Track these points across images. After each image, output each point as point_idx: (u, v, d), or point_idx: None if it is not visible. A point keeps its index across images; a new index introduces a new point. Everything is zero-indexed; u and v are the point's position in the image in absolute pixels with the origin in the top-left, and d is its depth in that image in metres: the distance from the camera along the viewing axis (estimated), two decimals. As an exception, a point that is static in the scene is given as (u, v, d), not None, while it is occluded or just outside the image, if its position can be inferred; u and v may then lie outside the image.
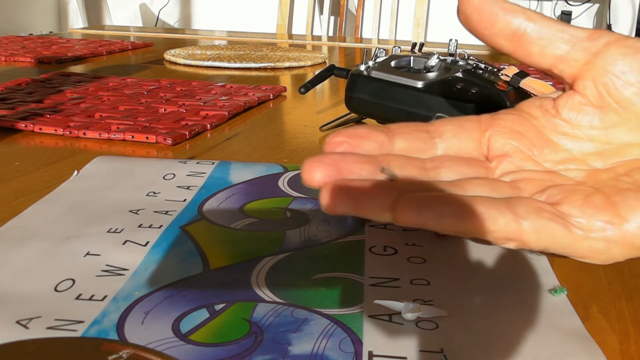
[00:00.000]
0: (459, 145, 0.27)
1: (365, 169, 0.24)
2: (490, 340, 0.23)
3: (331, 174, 0.24)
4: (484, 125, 0.27)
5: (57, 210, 0.34)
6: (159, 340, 0.23)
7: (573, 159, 0.27)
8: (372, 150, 0.25)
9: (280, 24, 1.64)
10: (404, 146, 0.26)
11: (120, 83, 0.70)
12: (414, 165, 0.26)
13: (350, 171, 0.24)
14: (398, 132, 0.26)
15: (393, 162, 0.25)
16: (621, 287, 0.28)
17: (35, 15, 2.70)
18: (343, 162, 0.24)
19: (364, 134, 0.25)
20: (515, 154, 0.27)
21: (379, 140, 0.26)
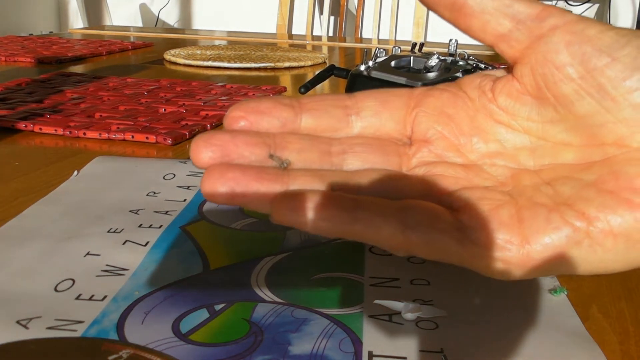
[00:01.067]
0: (379, 124, 0.25)
1: (256, 153, 0.22)
2: (490, 340, 0.23)
3: (217, 156, 0.22)
4: (413, 101, 0.25)
5: (57, 210, 0.34)
6: (159, 340, 0.23)
7: (502, 153, 0.24)
8: (273, 128, 0.23)
9: (280, 24, 1.64)
10: (312, 124, 0.24)
11: (120, 83, 0.70)
12: (316, 149, 0.23)
13: (239, 154, 0.22)
14: (308, 107, 0.24)
15: (292, 144, 0.23)
16: (621, 287, 0.28)
17: (35, 15, 2.70)
18: (232, 143, 0.22)
19: (266, 110, 0.23)
20: (438, 141, 0.24)
21: (282, 117, 0.23)
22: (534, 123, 0.23)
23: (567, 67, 0.21)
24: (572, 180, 0.22)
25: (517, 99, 0.23)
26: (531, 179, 0.23)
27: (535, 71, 0.22)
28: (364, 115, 0.24)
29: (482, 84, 0.24)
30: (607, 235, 0.21)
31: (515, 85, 0.23)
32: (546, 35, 0.22)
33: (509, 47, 0.23)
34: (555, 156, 0.23)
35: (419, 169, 0.24)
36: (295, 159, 0.23)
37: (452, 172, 0.24)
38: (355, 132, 0.24)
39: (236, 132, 0.23)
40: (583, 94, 0.22)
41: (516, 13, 0.22)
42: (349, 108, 0.24)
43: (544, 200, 0.22)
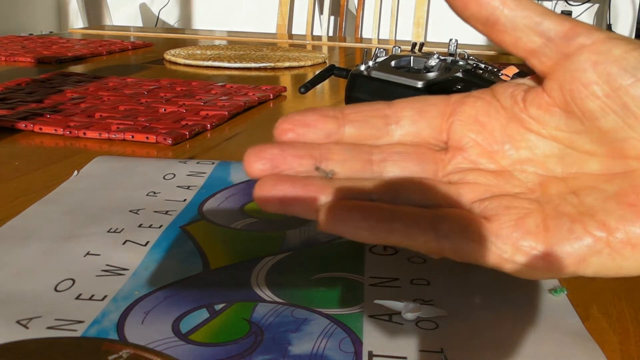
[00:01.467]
0: (416, 132, 0.26)
1: (304, 164, 0.24)
2: (490, 340, 0.23)
3: (268, 168, 0.24)
4: (449, 109, 0.26)
5: (57, 210, 0.34)
6: (159, 340, 0.23)
7: (532, 160, 0.25)
8: (319, 139, 0.25)
9: (280, 24, 1.64)
10: (355, 134, 0.26)
11: (120, 83, 0.70)
12: (358, 158, 0.25)
13: (288, 166, 0.24)
14: (351, 118, 0.26)
15: (336, 155, 0.25)
16: (621, 287, 0.28)
17: (35, 15, 2.70)
18: (281, 156, 0.24)
19: (312, 122, 0.25)
20: (472, 148, 0.26)
21: (326, 129, 0.25)
22: (563, 133, 0.25)
23: (593, 85, 0.23)
24: (595, 191, 0.24)
25: (546, 111, 0.25)
26: (558, 187, 0.25)
27: (563, 87, 0.24)
28: (403, 124, 0.26)
29: (514, 94, 0.26)
30: (626, 245, 0.22)
31: (545, 97, 0.25)
32: (574, 54, 0.23)
33: (539, 62, 0.24)
34: (582, 165, 0.25)
35: (454, 175, 0.26)
36: (339, 169, 0.25)
37: (483, 180, 0.25)
38: (395, 140, 0.26)
39: (285, 146, 0.25)
40: (608, 111, 0.23)
41: (546, 30, 0.23)
42: (388, 117, 0.26)
43: (569, 209, 0.24)
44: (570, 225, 0.23)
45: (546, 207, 0.24)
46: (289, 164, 0.24)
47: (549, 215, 0.24)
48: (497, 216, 0.24)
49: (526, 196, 0.25)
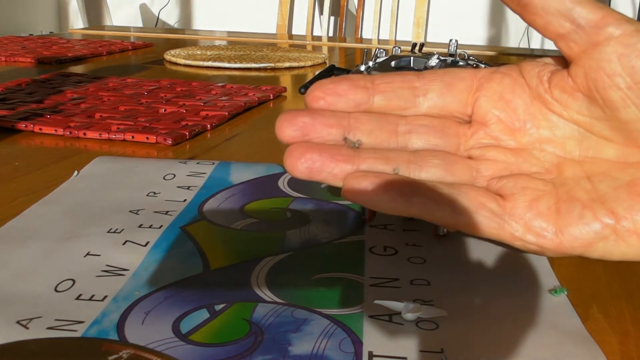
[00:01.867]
0: (443, 105, 0.27)
1: (332, 133, 0.26)
2: (490, 340, 0.23)
3: (298, 135, 0.25)
4: (476, 84, 0.27)
5: (57, 210, 0.34)
6: (159, 340, 0.23)
7: (552, 140, 0.26)
8: (348, 108, 0.26)
9: (280, 24, 1.64)
10: (383, 105, 0.27)
11: (120, 83, 0.70)
12: (385, 129, 0.26)
13: (317, 134, 0.26)
14: (381, 89, 0.27)
15: (363, 125, 0.26)
16: (621, 287, 0.28)
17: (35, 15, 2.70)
18: (311, 125, 0.25)
19: (343, 92, 0.26)
20: (494, 124, 0.27)
21: (356, 99, 0.26)
22: (583, 117, 0.26)
23: (616, 76, 0.23)
24: (608, 178, 0.25)
25: (570, 94, 0.25)
26: (574, 170, 0.26)
27: (588, 75, 0.24)
28: (430, 97, 0.27)
29: (541, 74, 0.26)
30: (632, 234, 0.24)
31: (570, 82, 0.25)
32: (601, 44, 0.24)
33: (567, 47, 0.25)
34: (599, 150, 0.26)
35: (475, 150, 0.27)
36: (366, 139, 0.26)
37: (503, 158, 0.26)
38: (421, 111, 0.27)
39: (315, 114, 0.26)
40: (629, 103, 0.24)
41: (577, 17, 0.24)
42: (417, 89, 0.27)
43: (581, 194, 0.25)
44: (581, 211, 0.24)
45: (560, 190, 0.25)
46: (318, 132, 0.25)
47: (561, 199, 0.25)
48: (513, 196, 0.25)
49: (542, 176, 0.26)
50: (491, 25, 2.52)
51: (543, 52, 1.35)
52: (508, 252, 0.30)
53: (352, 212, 0.35)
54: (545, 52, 1.30)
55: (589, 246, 0.24)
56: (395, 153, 0.26)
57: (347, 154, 0.25)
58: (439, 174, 0.26)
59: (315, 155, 0.25)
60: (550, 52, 1.29)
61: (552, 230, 0.24)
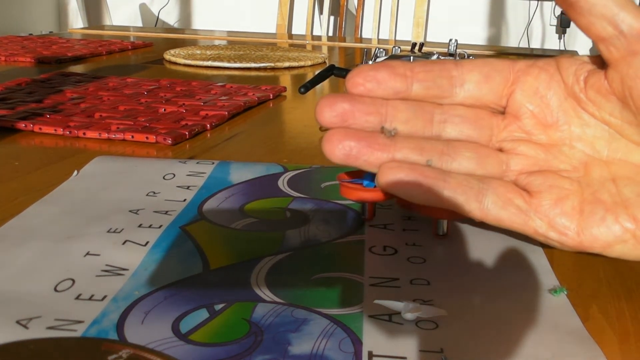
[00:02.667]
0: (479, 96, 0.27)
1: (370, 121, 0.26)
2: (490, 340, 0.23)
3: (338, 121, 0.26)
4: (513, 76, 0.27)
5: (57, 210, 0.34)
6: (159, 340, 0.23)
7: (582, 138, 0.27)
8: (387, 95, 0.27)
9: (280, 24, 1.64)
10: (421, 93, 0.27)
11: (120, 83, 0.70)
12: (421, 118, 0.27)
13: (356, 121, 0.26)
14: (419, 77, 0.27)
15: (400, 113, 0.27)
16: (621, 287, 0.28)
17: (35, 15, 2.70)
18: (350, 112, 0.26)
19: (382, 79, 0.27)
20: (528, 119, 0.27)
21: (395, 88, 0.27)
22: (615, 119, 0.26)
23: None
24: (633, 183, 0.25)
25: (604, 96, 0.26)
26: (600, 171, 0.26)
27: (625, 82, 0.24)
28: (467, 87, 0.27)
29: (577, 73, 0.26)
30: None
31: (605, 85, 0.25)
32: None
33: (607, 51, 0.25)
34: (627, 153, 0.26)
35: (506, 143, 0.27)
36: (402, 127, 0.27)
37: (533, 153, 0.27)
38: (457, 101, 0.28)
39: (355, 101, 0.26)
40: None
41: (620, 22, 0.24)
42: (454, 79, 0.27)
43: (605, 197, 0.25)
44: (604, 214, 0.25)
45: (585, 190, 0.26)
46: (357, 119, 0.26)
47: (586, 200, 0.25)
48: (540, 193, 0.26)
49: (569, 174, 0.26)
50: (491, 25, 2.52)
51: (543, 51, 1.35)
52: (508, 252, 0.30)
53: (351, 212, 0.35)
54: (545, 52, 1.30)
55: (607, 247, 0.25)
56: (429, 143, 0.27)
57: (383, 142, 0.26)
58: (471, 167, 0.26)
59: (353, 143, 0.25)
60: (550, 52, 1.29)
61: (574, 229, 0.25)
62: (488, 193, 0.25)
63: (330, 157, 0.26)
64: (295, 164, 0.43)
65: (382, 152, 0.26)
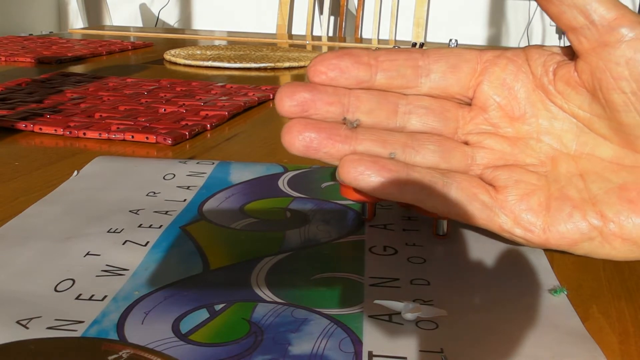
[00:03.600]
0: (445, 87, 0.27)
1: (332, 111, 0.26)
2: (490, 340, 0.23)
3: (298, 110, 0.25)
4: (480, 67, 0.27)
5: (57, 210, 0.34)
6: (159, 340, 0.23)
7: (550, 131, 0.26)
8: (350, 85, 0.26)
9: (280, 24, 1.64)
10: (385, 83, 0.26)
11: (120, 83, 0.70)
12: (385, 108, 0.26)
13: (317, 111, 0.25)
14: (384, 67, 0.26)
15: (363, 103, 0.26)
16: (621, 287, 0.28)
17: (35, 15, 2.70)
18: (311, 101, 0.25)
19: (345, 68, 0.26)
20: (494, 111, 0.26)
21: (358, 77, 0.26)
22: (584, 112, 0.25)
23: (622, 80, 0.23)
24: (601, 179, 0.25)
25: (573, 88, 0.25)
26: (568, 166, 0.26)
27: (594, 74, 0.24)
28: (433, 78, 0.27)
29: (546, 64, 0.26)
30: (617, 237, 0.24)
31: (575, 76, 0.25)
32: (612, 45, 0.23)
33: (577, 41, 0.24)
34: (595, 147, 0.25)
35: (472, 136, 0.27)
36: (365, 118, 0.26)
37: (499, 147, 0.26)
38: (423, 92, 0.27)
39: (316, 90, 0.25)
40: (630, 108, 0.23)
41: (592, 12, 0.23)
42: (420, 69, 0.26)
43: (573, 193, 0.25)
44: (571, 210, 0.24)
45: (553, 185, 0.25)
46: (318, 109, 0.25)
47: (553, 195, 0.25)
48: (506, 188, 0.25)
49: (536, 169, 0.26)
50: (491, 24, 2.52)
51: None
52: (508, 252, 0.30)
53: (351, 212, 0.35)
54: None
55: (574, 244, 0.24)
56: (392, 136, 0.26)
57: (345, 134, 0.25)
58: (435, 160, 0.26)
59: (314, 134, 0.25)
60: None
61: (540, 225, 0.24)
62: (452, 187, 0.25)
63: (290, 149, 0.25)
64: (296, 164, 0.43)
65: (344, 144, 0.25)
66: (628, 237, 0.24)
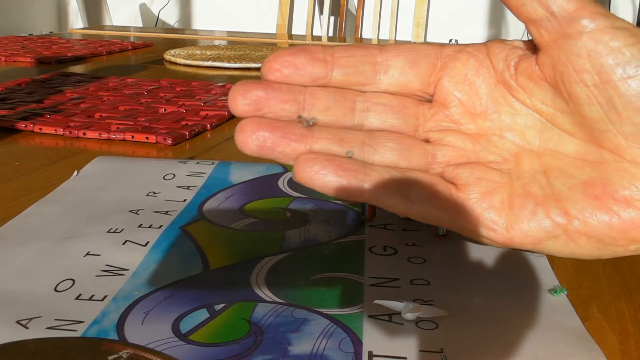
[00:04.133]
0: (404, 83, 0.26)
1: (287, 109, 0.25)
2: (490, 340, 0.23)
3: (251, 109, 0.24)
4: (441, 62, 0.26)
5: (57, 210, 0.34)
6: (159, 340, 0.23)
7: (513, 127, 0.25)
8: (305, 82, 0.25)
9: (280, 24, 1.64)
10: (342, 80, 0.25)
11: (120, 83, 0.70)
12: (342, 106, 0.25)
13: (271, 109, 0.25)
14: (340, 63, 0.25)
15: (319, 101, 0.25)
16: (621, 287, 0.28)
17: (35, 15, 2.70)
18: (265, 99, 0.24)
19: (300, 65, 0.25)
20: (455, 107, 0.26)
21: (314, 74, 0.25)
22: (547, 107, 0.24)
23: (584, 73, 0.22)
24: (565, 175, 0.24)
25: (535, 82, 0.24)
26: (531, 162, 0.25)
27: (556, 67, 0.23)
28: (392, 74, 0.26)
29: (508, 58, 0.25)
30: (582, 235, 0.23)
31: (537, 70, 0.24)
32: (573, 37, 0.22)
33: (538, 34, 0.23)
34: (559, 143, 0.25)
35: (433, 134, 0.26)
36: (321, 116, 0.25)
37: (461, 144, 0.25)
38: (381, 88, 0.26)
39: (270, 88, 0.25)
40: (593, 101, 0.23)
41: (551, 4, 0.22)
42: (378, 65, 0.26)
43: (536, 190, 0.24)
44: (534, 208, 0.24)
45: (515, 183, 0.24)
46: (272, 107, 0.24)
47: (515, 193, 0.24)
48: (467, 186, 0.24)
49: (499, 166, 0.25)
50: (491, 25, 2.52)
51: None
52: (508, 252, 0.30)
53: (351, 212, 0.35)
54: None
55: (538, 243, 0.24)
56: (350, 134, 0.25)
57: (300, 133, 0.24)
58: (394, 158, 0.25)
59: (267, 133, 0.24)
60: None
61: (503, 224, 0.24)
62: (412, 186, 0.24)
63: (243, 149, 0.24)
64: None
65: (299, 143, 0.24)
66: (593, 235, 0.23)
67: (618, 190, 0.23)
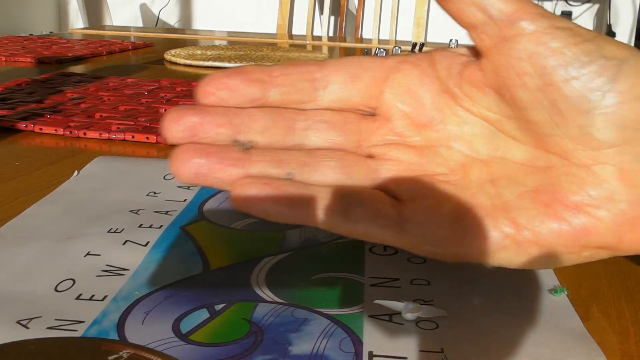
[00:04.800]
0: (346, 98, 0.25)
1: (223, 133, 0.24)
2: (490, 340, 0.23)
3: (186, 135, 0.24)
4: (383, 74, 0.25)
5: (57, 210, 0.34)
6: (159, 340, 0.23)
7: (460, 137, 0.25)
8: (242, 104, 0.24)
9: (281, 24, 1.64)
10: (280, 99, 0.25)
11: (120, 83, 0.70)
12: (280, 126, 0.25)
13: (206, 134, 0.24)
14: (277, 82, 0.25)
15: (257, 122, 0.24)
16: (621, 287, 0.28)
17: (35, 15, 2.70)
18: (200, 124, 0.24)
19: (235, 86, 0.24)
20: (399, 119, 0.25)
21: (250, 94, 0.24)
22: (493, 114, 0.24)
23: (526, 76, 0.22)
24: (513, 184, 0.23)
25: (480, 89, 0.24)
26: (479, 172, 0.24)
27: (498, 71, 0.22)
28: (332, 89, 0.25)
29: (451, 66, 0.24)
30: (532, 245, 0.22)
31: (480, 76, 0.23)
32: (512, 40, 0.22)
33: (478, 39, 0.23)
34: (507, 150, 0.24)
35: (377, 148, 0.25)
36: (259, 138, 0.24)
37: (406, 158, 0.25)
38: (322, 105, 0.25)
39: (205, 112, 0.24)
40: (537, 105, 0.22)
41: (489, 7, 0.22)
42: (317, 81, 0.25)
43: (484, 201, 0.23)
44: (481, 222, 0.23)
45: (463, 194, 0.23)
46: (207, 132, 0.24)
47: (463, 205, 0.23)
48: (412, 201, 0.23)
49: (446, 178, 0.24)
50: (491, 25, 2.51)
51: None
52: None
53: (352, 212, 0.35)
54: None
55: (487, 255, 0.23)
56: (288, 154, 0.24)
57: (237, 157, 0.23)
58: (335, 177, 0.24)
59: (203, 160, 0.23)
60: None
61: (450, 239, 0.23)
62: (354, 205, 0.23)
63: (179, 178, 0.23)
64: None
65: (236, 167, 0.23)
66: (544, 244, 0.22)
67: (568, 196, 0.22)
